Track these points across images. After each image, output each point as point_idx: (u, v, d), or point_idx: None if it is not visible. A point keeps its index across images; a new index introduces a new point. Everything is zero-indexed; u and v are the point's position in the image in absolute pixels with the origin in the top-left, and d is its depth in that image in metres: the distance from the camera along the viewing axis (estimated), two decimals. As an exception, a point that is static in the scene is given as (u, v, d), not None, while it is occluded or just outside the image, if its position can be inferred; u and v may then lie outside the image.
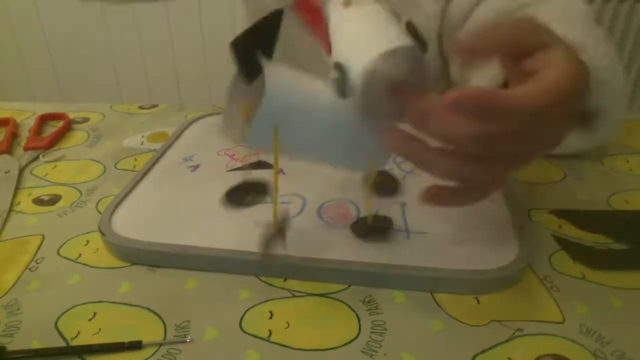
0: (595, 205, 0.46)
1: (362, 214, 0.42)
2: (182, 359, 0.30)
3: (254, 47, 0.33)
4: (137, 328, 0.32)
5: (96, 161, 0.53)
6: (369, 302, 0.35)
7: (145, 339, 0.31)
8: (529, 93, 0.26)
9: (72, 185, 0.49)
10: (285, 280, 0.36)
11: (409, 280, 0.35)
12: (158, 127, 0.60)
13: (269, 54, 0.33)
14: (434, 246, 0.38)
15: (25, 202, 0.46)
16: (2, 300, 0.35)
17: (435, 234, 0.39)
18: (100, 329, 0.32)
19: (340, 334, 0.32)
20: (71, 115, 0.62)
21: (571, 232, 0.42)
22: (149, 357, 0.30)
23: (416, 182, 0.46)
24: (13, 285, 0.36)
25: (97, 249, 0.40)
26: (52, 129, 0.60)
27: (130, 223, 0.40)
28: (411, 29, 0.29)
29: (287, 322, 0.33)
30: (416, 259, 0.36)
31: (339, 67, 0.28)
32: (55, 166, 0.52)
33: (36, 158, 0.53)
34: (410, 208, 0.43)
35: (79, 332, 0.32)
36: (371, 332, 0.32)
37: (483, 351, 0.31)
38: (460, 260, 0.36)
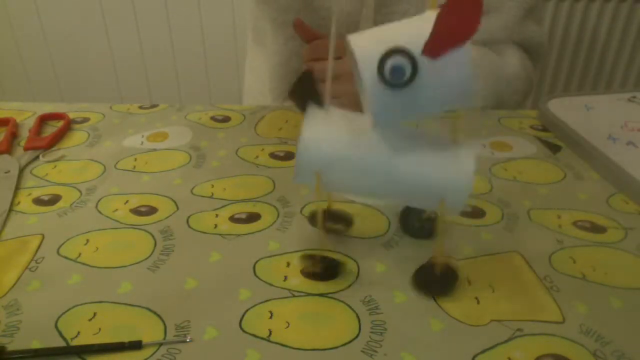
0: (595, 205, 0.46)
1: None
2: (182, 359, 0.30)
3: (307, 94, 0.33)
4: (137, 328, 0.32)
5: (96, 161, 0.53)
6: (369, 302, 0.35)
7: (145, 339, 0.31)
8: None
9: (72, 185, 0.49)
10: (285, 280, 0.36)
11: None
12: (158, 127, 0.60)
13: (318, 101, 0.33)
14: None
15: (25, 202, 0.46)
16: (2, 300, 0.35)
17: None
18: (100, 329, 0.32)
19: (340, 334, 0.32)
20: (71, 115, 0.62)
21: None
22: (149, 357, 0.30)
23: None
24: (13, 285, 0.36)
25: (97, 248, 0.40)
26: (52, 129, 0.60)
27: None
28: None
29: (287, 322, 0.33)
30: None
31: (401, 51, 0.27)
32: (55, 166, 0.52)
33: (36, 158, 0.53)
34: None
35: (79, 332, 0.32)
36: (371, 332, 0.32)
37: (483, 351, 0.31)
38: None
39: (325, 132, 0.33)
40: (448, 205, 0.32)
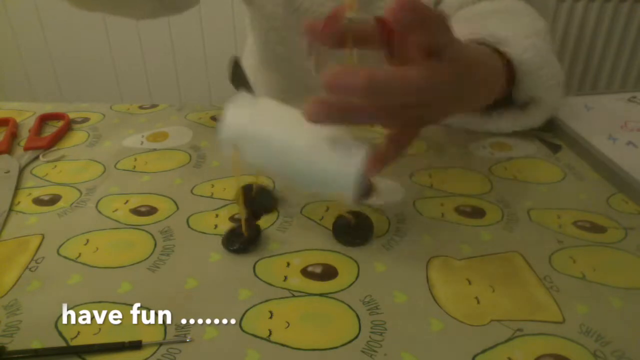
0: (595, 205, 0.46)
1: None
2: (182, 359, 0.30)
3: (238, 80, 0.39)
4: (137, 328, 0.32)
5: (96, 161, 0.53)
6: (369, 302, 0.35)
7: (145, 339, 0.31)
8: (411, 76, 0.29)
9: (72, 185, 0.49)
10: (285, 280, 0.36)
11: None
12: (158, 127, 0.60)
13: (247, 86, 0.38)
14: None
15: (25, 202, 0.46)
16: (2, 300, 0.35)
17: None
18: (100, 329, 0.32)
19: (340, 334, 0.32)
20: (71, 115, 0.62)
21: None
22: (149, 357, 0.30)
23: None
24: (13, 285, 0.36)
25: (97, 248, 0.40)
26: (52, 129, 0.60)
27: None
28: None
29: (287, 322, 0.33)
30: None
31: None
32: (55, 166, 0.52)
33: (36, 158, 0.53)
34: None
35: (79, 332, 0.32)
36: (371, 332, 0.32)
37: (483, 351, 0.31)
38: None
39: (244, 113, 0.37)
40: (344, 197, 0.34)
